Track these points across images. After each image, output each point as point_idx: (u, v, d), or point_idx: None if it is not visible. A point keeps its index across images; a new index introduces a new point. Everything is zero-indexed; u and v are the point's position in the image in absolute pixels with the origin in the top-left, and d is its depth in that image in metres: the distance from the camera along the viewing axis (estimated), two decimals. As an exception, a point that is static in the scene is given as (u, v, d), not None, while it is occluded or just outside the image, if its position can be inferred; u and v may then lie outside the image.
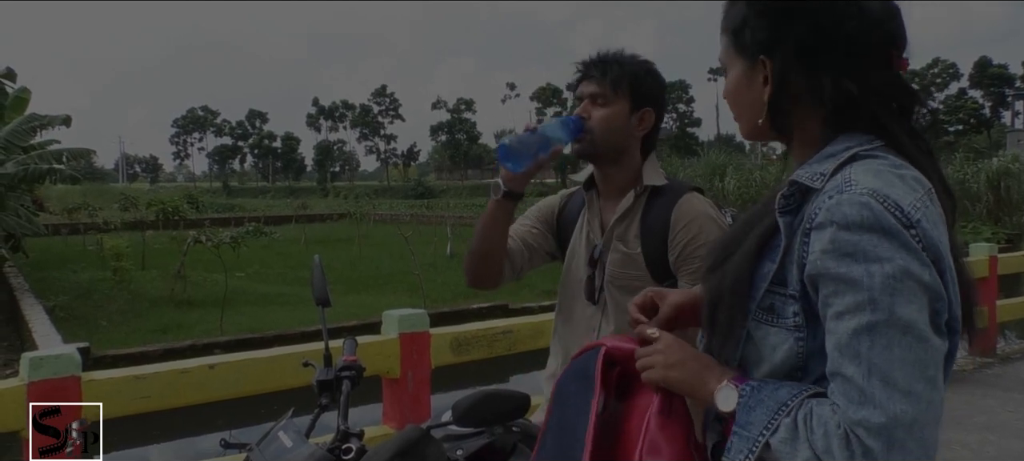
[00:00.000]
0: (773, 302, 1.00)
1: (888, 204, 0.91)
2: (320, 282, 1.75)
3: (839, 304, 0.91)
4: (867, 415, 0.87)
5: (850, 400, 0.88)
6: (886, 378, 0.87)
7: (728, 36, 1.10)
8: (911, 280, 0.89)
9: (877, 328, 0.89)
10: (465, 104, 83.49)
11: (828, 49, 1.01)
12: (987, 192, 21.29)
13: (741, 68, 1.08)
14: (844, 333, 0.90)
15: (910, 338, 0.88)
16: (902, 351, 0.88)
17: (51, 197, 27.03)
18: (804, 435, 0.91)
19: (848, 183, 0.94)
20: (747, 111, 1.10)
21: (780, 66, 1.03)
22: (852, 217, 0.91)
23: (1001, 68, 64.32)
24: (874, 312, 0.89)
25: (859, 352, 0.89)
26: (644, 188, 1.76)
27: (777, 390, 0.97)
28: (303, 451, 1.43)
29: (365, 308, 9.99)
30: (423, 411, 3.24)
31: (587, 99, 1.76)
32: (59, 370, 2.52)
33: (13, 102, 13.38)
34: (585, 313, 1.81)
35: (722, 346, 1.05)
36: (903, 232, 0.90)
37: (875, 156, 0.99)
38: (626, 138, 1.76)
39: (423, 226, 23.47)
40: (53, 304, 10.38)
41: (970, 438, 4.37)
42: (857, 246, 0.90)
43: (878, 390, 0.87)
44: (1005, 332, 7.65)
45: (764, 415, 0.95)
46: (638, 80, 1.75)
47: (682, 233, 1.68)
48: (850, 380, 0.89)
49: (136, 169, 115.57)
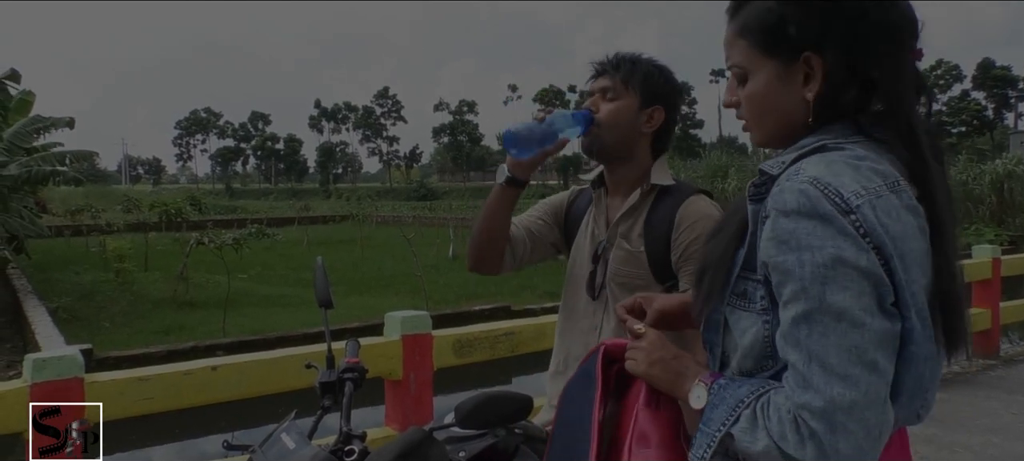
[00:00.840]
0: (746, 287, 1.03)
1: (828, 191, 0.93)
2: (322, 284, 1.75)
3: (783, 292, 0.95)
4: (809, 399, 0.90)
5: (796, 385, 0.92)
6: (823, 364, 0.90)
7: (752, 37, 1.04)
8: (844, 267, 0.91)
9: (812, 316, 0.91)
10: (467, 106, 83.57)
11: (874, 43, 0.99)
12: (990, 194, 21.25)
13: (772, 70, 1.03)
14: (786, 321, 0.94)
15: (844, 325, 0.90)
16: (837, 337, 0.90)
17: (54, 199, 27.06)
18: (762, 423, 0.94)
19: (796, 172, 0.97)
20: (779, 114, 1.05)
21: (831, 60, 1.00)
22: (790, 204, 0.94)
23: (1004, 70, 64.22)
24: (807, 300, 0.92)
25: (799, 339, 0.92)
26: (651, 187, 1.76)
27: (739, 387, 1.00)
28: (305, 453, 1.43)
29: (367, 310, 9.99)
30: (425, 413, 3.24)
31: (598, 93, 1.76)
32: (62, 372, 2.52)
33: (17, 104, 13.41)
34: (587, 309, 1.81)
35: (703, 309, 1.08)
36: (838, 218, 0.91)
37: (841, 148, 0.99)
38: (633, 134, 1.76)
39: (425, 228, 23.46)
40: (56, 306, 10.39)
41: (973, 440, 4.36)
42: (792, 234, 0.93)
43: (816, 375, 0.90)
44: (1008, 334, 7.63)
45: (724, 411, 0.99)
46: (649, 78, 1.76)
47: (685, 234, 1.68)
48: (794, 366, 0.93)
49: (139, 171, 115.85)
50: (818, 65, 1.00)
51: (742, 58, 1.06)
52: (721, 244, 1.07)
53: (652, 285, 1.69)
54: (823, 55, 1.00)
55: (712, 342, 1.10)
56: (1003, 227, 20.13)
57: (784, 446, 0.91)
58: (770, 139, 1.10)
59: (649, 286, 1.69)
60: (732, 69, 1.09)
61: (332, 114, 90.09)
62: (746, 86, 1.07)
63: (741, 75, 1.08)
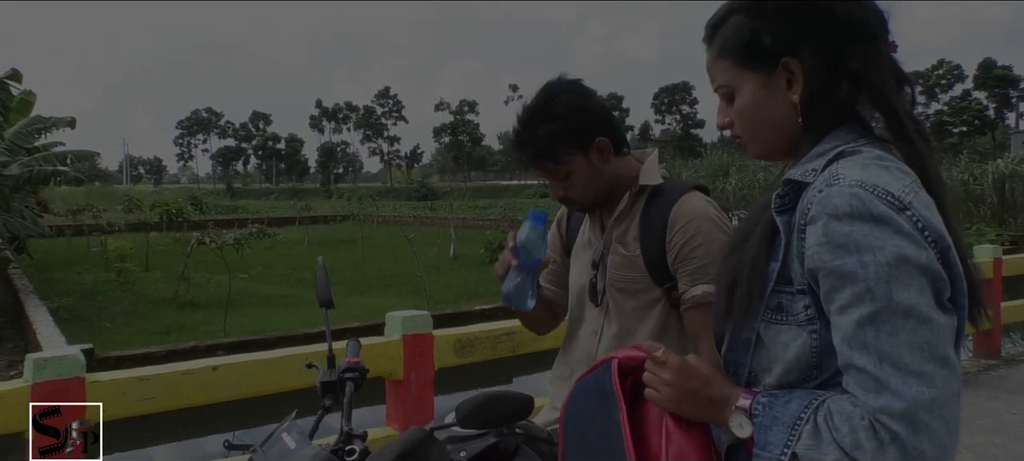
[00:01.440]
0: (780, 301, 1.01)
1: (878, 191, 0.93)
2: (323, 284, 1.75)
3: (840, 298, 0.92)
4: (887, 402, 0.88)
5: (867, 390, 0.89)
6: (897, 364, 0.89)
7: (732, 55, 1.09)
8: (907, 265, 0.90)
9: (879, 317, 0.90)
10: (468, 105, 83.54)
11: (846, 40, 1.02)
12: (992, 194, 21.22)
13: (757, 81, 1.07)
14: (849, 326, 0.91)
15: (913, 322, 0.89)
16: (907, 336, 0.89)
17: (55, 199, 27.10)
18: (828, 436, 0.91)
19: (836, 177, 0.96)
20: (771, 123, 1.08)
21: (809, 61, 1.03)
22: (842, 207, 0.93)
23: (1006, 70, 64.16)
24: (873, 301, 0.90)
25: (867, 342, 0.90)
26: (640, 188, 1.73)
27: (788, 403, 0.97)
28: (306, 452, 1.43)
29: (368, 310, 10.00)
30: (426, 413, 3.24)
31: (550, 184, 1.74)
32: (63, 371, 2.52)
33: (18, 104, 13.41)
34: (589, 315, 1.81)
35: (739, 327, 1.05)
36: (895, 217, 0.92)
37: (859, 151, 1.01)
38: (602, 179, 1.72)
39: (426, 228, 23.46)
40: (57, 305, 10.40)
41: (975, 440, 4.36)
42: (849, 236, 0.92)
43: (892, 377, 0.88)
44: (1010, 334, 7.62)
45: (783, 432, 0.95)
46: (571, 132, 1.66)
47: (680, 233, 1.64)
48: (863, 371, 0.90)
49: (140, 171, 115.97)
50: (797, 67, 1.04)
51: (726, 77, 1.10)
52: (749, 258, 1.04)
53: (651, 287, 1.68)
54: (800, 57, 1.04)
55: (738, 363, 1.07)
56: (1004, 227, 20.10)
57: (859, 455, 0.89)
58: (768, 150, 1.11)
59: (648, 289, 1.68)
60: (719, 90, 1.12)
61: (333, 114, 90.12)
62: (735, 103, 1.10)
63: (728, 94, 1.11)
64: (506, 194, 52.32)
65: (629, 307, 1.70)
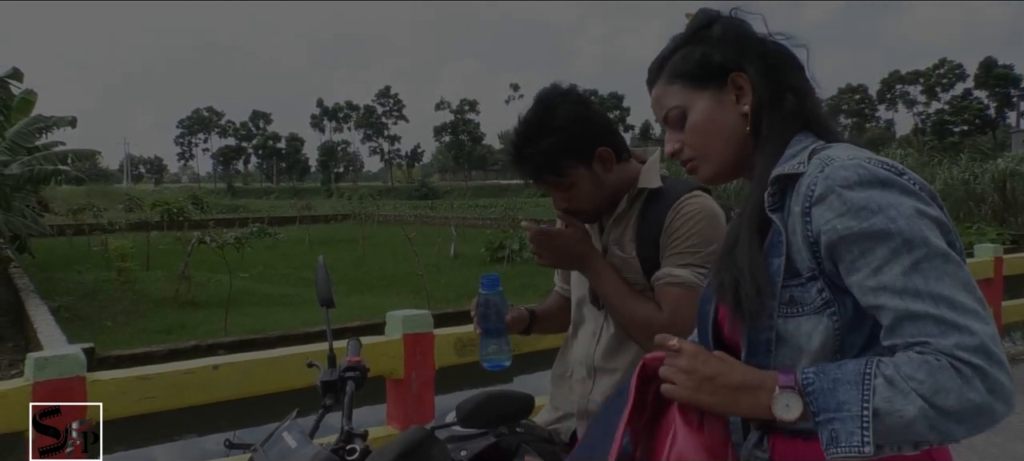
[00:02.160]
0: (792, 294, 1.01)
1: (874, 161, 0.98)
2: (324, 283, 1.75)
3: (875, 258, 0.94)
4: (960, 339, 0.89)
5: (932, 334, 0.90)
6: (953, 303, 0.90)
7: (683, 78, 1.16)
8: (926, 216, 0.94)
9: (922, 263, 0.92)
10: (469, 105, 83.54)
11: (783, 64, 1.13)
12: (992, 193, 21.23)
13: (709, 97, 1.14)
14: (895, 279, 0.92)
15: (952, 265, 0.93)
16: (951, 277, 0.92)
17: (56, 198, 27.11)
18: (904, 386, 0.89)
19: (829, 159, 1.01)
20: (723, 136, 1.14)
21: (755, 75, 1.12)
22: (851, 177, 0.96)
23: (1007, 69, 64.14)
24: (912, 250, 0.92)
25: (919, 289, 0.91)
26: (638, 191, 1.72)
27: (843, 365, 0.95)
28: (307, 452, 1.43)
29: (369, 309, 10.01)
30: (427, 412, 3.24)
31: (554, 197, 1.72)
32: (64, 371, 2.52)
33: (19, 103, 13.42)
34: (590, 317, 1.81)
35: (755, 324, 1.02)
36: (899, 180, 0.96)
37: (832, 145, 1.06)
38: (606, 187, 1.70)
39: (427, 227, 23.49)
40: (58, 305, 10.41)
41: (975, 440, 4.33)
42: (869, 200, 0.95)
43: (956, 315, 0.90)
44: (1010, 334, 7.61)
45: (853, 389, 0.92)
46: (570, 144, 1.63)
47: (676, 234, 1.63)
48: (923, 317, 0.90)
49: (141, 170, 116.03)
50: (745, 82, 1.13)
51: (678, 99, 1.17)
52: (745, 256, 1.02)
53: (647, 290, 1.68)
54: (747, 72, 1.13)
55: (759, 367, 1.03)
56: (1005, 226, 20.11)
57: (942, 399, 0.87)
58: (719, 166, 1.16)
59: (645, 291, 1.68)
60: (670, 114, 1.17)
61: (334, 113, 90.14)
62: (687, 122, 1.16)
63: (679, 115, 1.17)
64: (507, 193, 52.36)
65: None
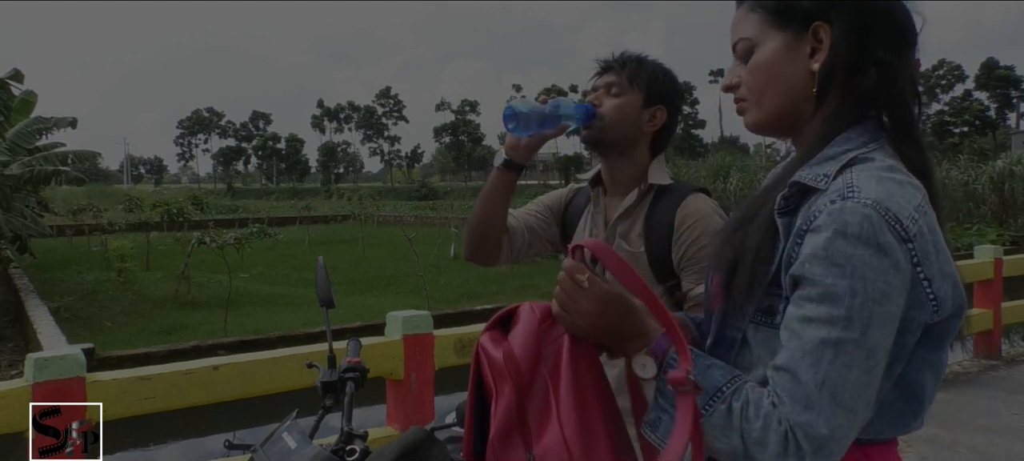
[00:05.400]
0: (771, 302, 0.99)
1: (888, 217, 0.91)
2: (324, 283, 1.75)
3: (813, 310, 0.92)
4: (811, 420, 0.89)
5: (796, 401, 0.90)
6: (835, 394, 0.90)
7: (762, 12, 1.05)
8: (889, 305, 0.91)
9: (844, 346, 0.90)
10: (469, 106, 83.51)
11: (880, 27, 1.01)
12: (992, 194, 21.22)
13: (781, 40, 1.04)
14: (811, 339, 0.91)
15: (871, 362, 0.91)
16: (858, 373, 0.90)
17: (56, 198, 27.08)
18: (737, 424, 0.92)
19: (851, 189, 0.94)
20: (783, 86, 1.05)
21: (839, 33, 1.01)
22: (852, 227, 0.91)
23: (1007, 70, 64.07)
24: (846, 330, 0.90)
25: (820, 362, 0.90)
26: (648, 187, 1.76)
27: (710, 370, 0.96)
28: (307, 452, 1.43)
29: (369, 310, 10.00)
30: (427, 412, 3.24)
31: (602, 88, 1.77)
32: (64, 371, 2.52)
33: (19, 104, 13.40)
34: None
35: (737, 310, 1.02)
36: (896, 250, 0.91)
37: (872, 159, 0.99)
38: (635, 131, 1.76)
39: (427, 228, 23.47)
40: (58, 305, 10.40)
41: (976, 440, 4.36)
42: (850, 259, 0.90)
43: (826, 403, 0.89)
44: (1010, 334, 7.62)
45: (699, 399, 0.94)
46: (654, 78, 1.77)
47: (687, 233, 1.67)
48: (802, 384, 0.90)
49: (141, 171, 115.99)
50: (826, 35, 1.01)
51: (753, 30, 1.06)
52: (753, 241, 1.00)
53: (653, 285, 1.69)
54: (832, 27, 1.01)
55: (720, 358, 1.04)
56: (1004, 227, 20.11)
57: (757, 452, 0.90)
58: (768, 117, 1.07)
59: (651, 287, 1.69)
60: (739, 43, 1.08)
61: (334, 114, 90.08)
62: (752, 58, 1.06)
63: (747, 48, 1.07)
64: (507, 194, 52.04)
65: None
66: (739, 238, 1.03)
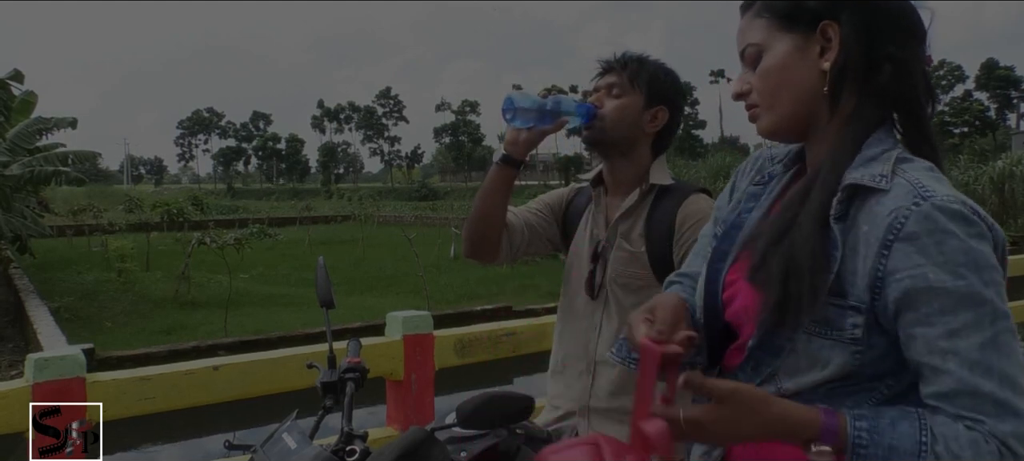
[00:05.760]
0: (829, 314, 0.95)
1: (977, 211, 0.92)
2: (324, 284, 1.75)
3: (956, 321, 0.89)
4: (1015, 426, 0.87)
5: (989, 415, 0.88)
6: (1015, 385, 0.89)
7: (769, 16, 1.04)
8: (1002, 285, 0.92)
9: (1002, 336, 0.89)
10: (469, 106, 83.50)
11: (890, 23, 1.00)
12: (992, 195, 21.22)
13: (791, 43, 1.02)
14: (972, 349, 0.88)
15: (1018, 339, 0.91)
16: (1019, 355, 0.90)
17: (56, 199, 27.08)
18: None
19: (924, 188, 0.91)
20: (794, 89, 1.03)
21: (847, 31, 0.99)
22: (954, 224, 0.90)
23: (1008, 70, 64.06)
24: (995, 323, 0.89)
25: (991, 366, 0.88)
26: (650, 187, 1.77)
27: (897, 426, 0.90)
28: (307, 453, 1.43)
29: (369, 310, 10.00)
30: (427, 413, 3.24)
31: (603, 89, 1.78)
32: (64, 371, 2.52)
33: (20, 105, 13.40)
34: (586, 309, 1.81)
35: (795, 324, 0.96)
36: (988, 235, 0.92)
37: (911, 159, 0.98)
38: (636, 131, 1.77)
39: (427, 228, 23.48)
40: (58, 305, 10.41)
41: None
42: (969, 255, 0.89)
43: (1013, 398, 0.88)
44: (1011, 335, 7.62)
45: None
46: (655, 79, 1.77)
47: (688, 233, 1.68)
48: (986, 395, 0.88)
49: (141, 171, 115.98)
50: (836, 34, 1.00)
51: (761, 35, 1.04)
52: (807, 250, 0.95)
53: (653, 285, 1.69)
54: (841, 25, 1.00)
55: (762, 361, 1.00)
56: (1005, 227, 20.07)
57: None
58: (782, 120, 1.05)
59: (650, 286, 1.69)
60: (747, 49, 1.06)
61: (334, 114, 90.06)
62: (761, 62, 1.04)
63: (756, 54, 1.05)
64: (507, 194, 52.05)
65: (630, 303, 1.71)
66: (784, 250, 0.97)
